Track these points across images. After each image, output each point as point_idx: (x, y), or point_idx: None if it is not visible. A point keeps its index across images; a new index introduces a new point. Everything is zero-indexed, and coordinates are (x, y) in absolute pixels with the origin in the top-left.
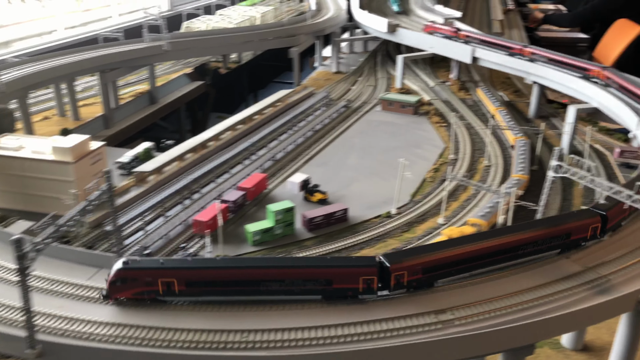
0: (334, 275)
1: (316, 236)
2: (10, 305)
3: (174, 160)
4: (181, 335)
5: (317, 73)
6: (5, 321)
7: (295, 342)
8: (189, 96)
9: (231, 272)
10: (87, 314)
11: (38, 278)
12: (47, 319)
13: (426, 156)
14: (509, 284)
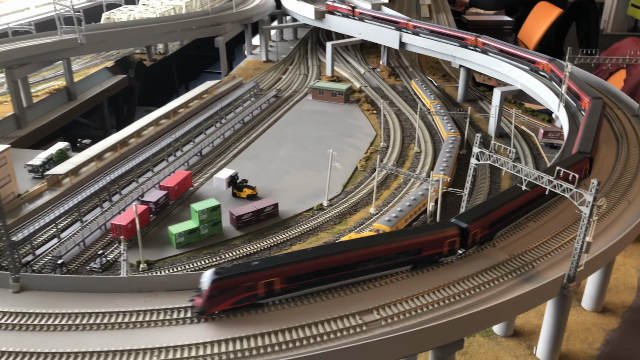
0: (423, 244)
1: (245, 234)
2: None
3: (91, 160)
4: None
5: (246, 62)
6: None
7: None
8: (111, 91)
9: (331, 260)
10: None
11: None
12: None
13: (357, 145)
14: (436, 277)
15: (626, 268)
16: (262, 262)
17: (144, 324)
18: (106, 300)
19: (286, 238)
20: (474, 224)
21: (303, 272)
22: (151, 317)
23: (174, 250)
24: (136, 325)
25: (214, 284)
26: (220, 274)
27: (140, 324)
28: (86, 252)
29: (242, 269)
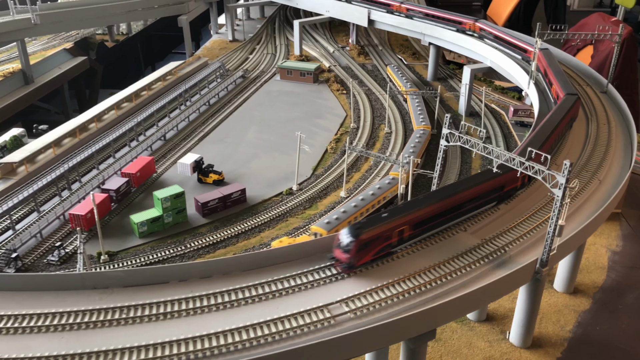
0: (506, 180)
1: (211, 221)
2: None
3: (48, 147)
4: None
5: (212, 42)
6: None
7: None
8: (71, 73)
9: (446, 203)
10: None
11: None
12: None
13: (327, 126)
14: (406, 265)
15: (596, 247)
16: (391, 212)
17: (97, 324)
18: (57, 299)
19: (254, 225)
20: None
21: (425, 218)
22: (105, 317)
23: (136, 240)
24: (89, 325)
25: (359, 238)
26: (362, 227)
27: (94, 324)
28: (43, 244)
29: (378, 221)
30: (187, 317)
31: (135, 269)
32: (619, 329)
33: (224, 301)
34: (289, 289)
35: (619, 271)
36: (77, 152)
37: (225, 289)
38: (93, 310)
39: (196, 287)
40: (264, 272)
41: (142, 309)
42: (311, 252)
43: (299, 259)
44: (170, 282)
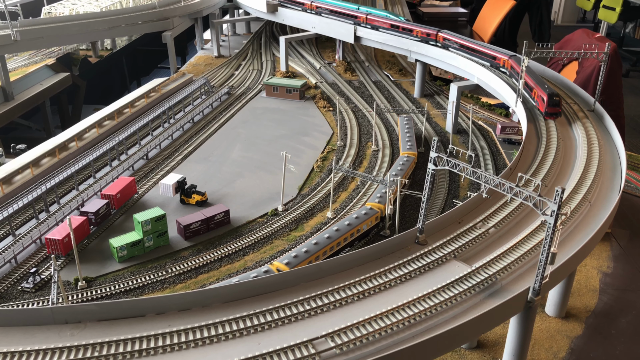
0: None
1: (194, 244)
2: None
3: (26, 167)
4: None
5: (197, 58)
6: None
7: None
8: (53, 90)
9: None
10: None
11: None
12: None
13: (314, 144)
14: (394, 295)
15: (587, 269)
16: None
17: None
18: (25, 335)
19: (238, 248)
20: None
21: None
22: (77, 355)
23: (116, 265)
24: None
25: None
26: None
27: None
28: (18, 270)
29: None
30: (163, 354)
31: (109, 302)
32: (612, 355)
33: (202, 336)
34: (271, 323)
35: (611, 294)
36: (56, 172)
37: (204, 323)
38: (64, 348)
39: (174, 321)
40: (246, 303)
41: (117, 346)
42: (294, 282)
43: (282, 289)
44: (147, 316)
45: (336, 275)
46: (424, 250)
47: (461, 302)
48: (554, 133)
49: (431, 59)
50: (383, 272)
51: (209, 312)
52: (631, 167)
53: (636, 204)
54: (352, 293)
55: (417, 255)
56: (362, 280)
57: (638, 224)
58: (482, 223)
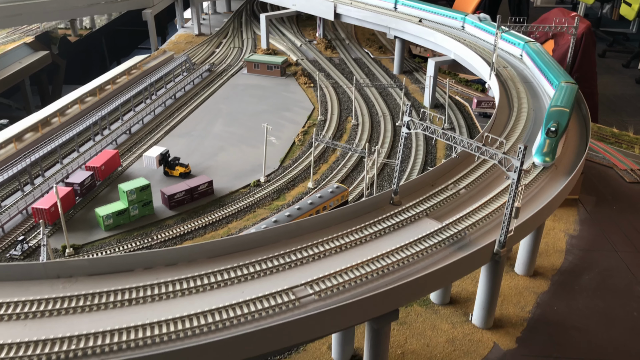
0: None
1: (178, 214)
2: None
3: (9, 141)
4: (212, 317)
5: (178, 36)
6: None
7: None
8: (32, 68)
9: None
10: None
11: None
12: None
13: (295, 119)
14: (367, 249)
15: (555, 232)
16: None
17: (61, 312)
18: (19, 288)
19: (222, 216)
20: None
21: None
22: (70, 304)
23: (102, 233)
24: (53, 313)
25: None
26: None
27: (58, 312)
28: (5, 239)
29: None
30: (152, 302)
31: (99, 257)
32: (574, 308)
33: (189, 286)
34: (254, 274)
35: (576, 254)
36: (39, 146)
37: (190, 275)
38: (57, 298)
39: (161, 274)
40: (229, 258)
41: (107, 296)
42: (275, 239)
43: (264, 245)
44: (135, 270)
45: (315, 233)
46: (398, 209)
47: (432, 254)
48: (525, 104)
49: (410, 35)
50: (359, 229)
51: (194, 266)
52: (599, 138)
53: (602, 172)
54: (329, 247)
55: (391, 214)
56: (339, 235)
57: (604, 190)
58: (454, 185)
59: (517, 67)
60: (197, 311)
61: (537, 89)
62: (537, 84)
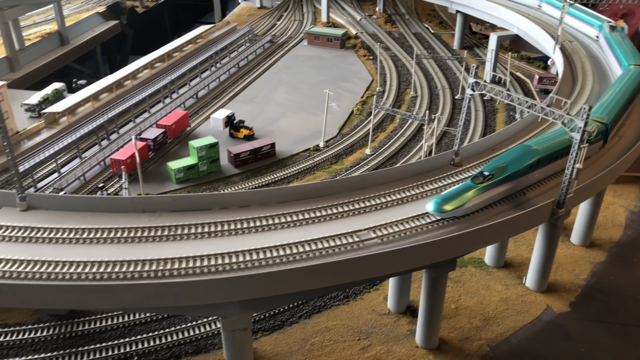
0: None
1: (243, 172)
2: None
3: (87, 100)
4: (283, 250)
5: (240, 9)
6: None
7: None
8: (103, 36)
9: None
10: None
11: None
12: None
13: (354, 89)
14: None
15: (615, 207)
16: None
17: (148, 239)
18: (110, 218)
19: (284, 176)
20: None
21: None
22: (155, 233)
23: (173, 186)
24: (141, 239)
25: None
26: None
27: (145, 239)
28: (86, 186)
29: None
30: (228, 236)
31: (181, 195)
32: (631, 279)
33: (261, 224)
34: (321, 218)
35: (636, 229)
36: (114, 105)
37: (262, 214)
38: (144, 228)
39: (236, 214)
40: (298, 204)
41: (188, 228)
42: (340, 190)
43: (330, 194)
44: (213, 209)
45: (378, 187)
46: (458, 169)
47: (492, 210)
48: (590, 77)
49: (472, 9)
50: (420, 184)
51: (265, 209)
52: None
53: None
54: (392, 199)
55: (451, 173)
56: (401, 189)
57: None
58: None
59: (588, 46)
60: (269, 245)
61: (605, 66)
62: (605, 61)
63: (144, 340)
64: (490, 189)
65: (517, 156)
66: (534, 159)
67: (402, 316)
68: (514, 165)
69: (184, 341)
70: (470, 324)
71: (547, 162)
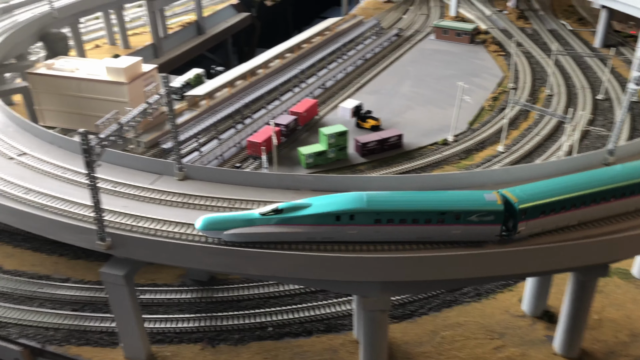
0: None
1: (370, 161)
2: (81, 203)
3: (224, 86)
4: None
5: (366, 2)
6: (78, 217)
7: None
8: (235, 28)
9: None
10: (151, 213)
11: (104, 181)
12: (114, 216)
13: (484, 85)
14: None
15: None
16: None
17: None
18: (258, 192)
19: (411, 168)
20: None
21: None
22: None
23: (302, 170)
24: None
25: None
26: None
27: None
28: (224, 165)
29: None
30: None
31: (322, 175)
32: None
33: None
34: None
35: None
36: (248, 91)
37: None
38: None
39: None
40: None
41: None
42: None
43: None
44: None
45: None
46: None
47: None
48: None
49: (621, 3)
50: None
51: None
52: None
53: None
54: None
55: None
56: None
57: None
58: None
59: None
60: None
61: None
62: None
63: (278, 312)
64: (271, 225)
65: (335, 202)
66: (346, 210)
67: (538, 320)
68: (318, 208)
69: (316, 318)
70: (616, 338)
71: (395, 221)
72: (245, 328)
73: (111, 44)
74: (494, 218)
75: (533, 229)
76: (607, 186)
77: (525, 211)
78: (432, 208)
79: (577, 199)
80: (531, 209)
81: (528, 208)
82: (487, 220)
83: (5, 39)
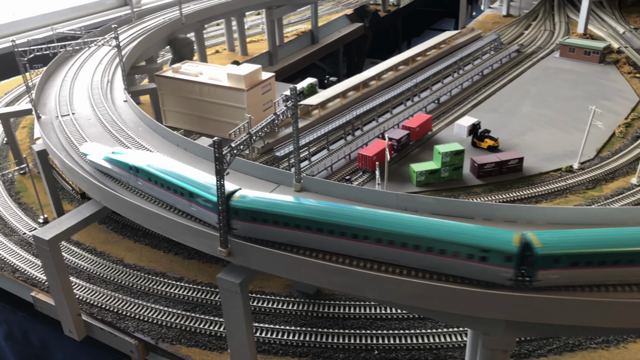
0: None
1: (486, 184)
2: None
3: (336, 96)
4: None
5: (484, 16)
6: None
7: None
8: (347, 38)
9: None
10: None
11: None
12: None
13: (615, 109)
14: None
15: None
16: None
17: None
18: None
19: (531, 194)
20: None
21: None
22: None
23: (413, 188)
24: None
25: None
26: None
27: None
28: (332, 177)
29: None
30: None
31: (445, 198)
32: None
33: None
34: None
35: None
36: (359, 104)
37: None
38: None
39: (499, 227)
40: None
41: None
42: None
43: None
44: (475, 218)
45: None
46: None
47: None
48: None
49: None
50: None
51: (533, 228)
52: None
53: None
54: None
55: None
56: None
57: None
58: None
59: None
60: None
61: None
62: None
63: (385, 336)
64: None
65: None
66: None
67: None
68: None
69: (424, 347)
70: None
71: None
72: (350, 348)
73: (230, 50)
74: (505, 259)
75: (559, 280)
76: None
77: (547, 258)
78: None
79: (619, 255)
80: (557, 257)
81: (553, 256)
82: (496, 260)
83: (139, 43)
